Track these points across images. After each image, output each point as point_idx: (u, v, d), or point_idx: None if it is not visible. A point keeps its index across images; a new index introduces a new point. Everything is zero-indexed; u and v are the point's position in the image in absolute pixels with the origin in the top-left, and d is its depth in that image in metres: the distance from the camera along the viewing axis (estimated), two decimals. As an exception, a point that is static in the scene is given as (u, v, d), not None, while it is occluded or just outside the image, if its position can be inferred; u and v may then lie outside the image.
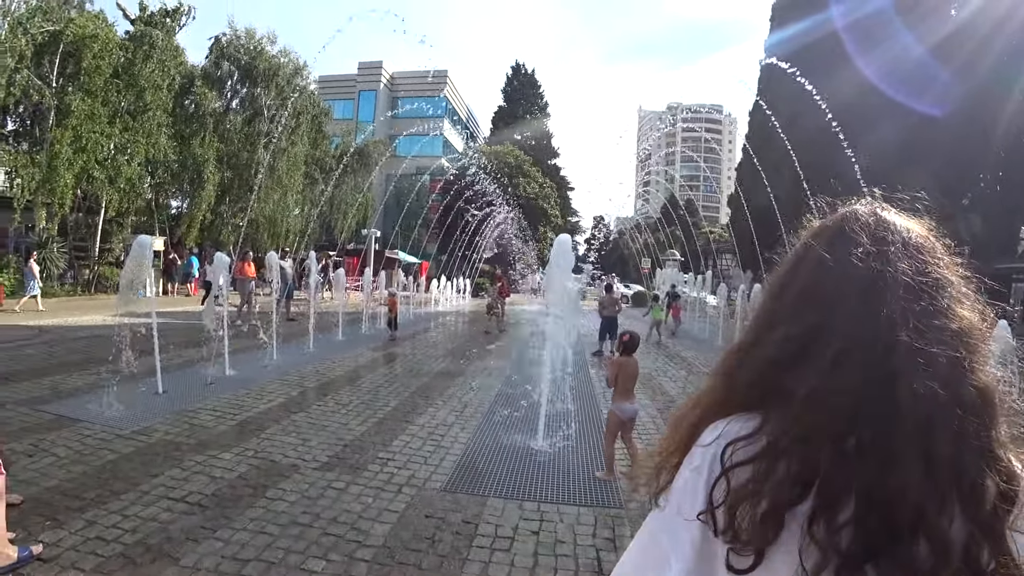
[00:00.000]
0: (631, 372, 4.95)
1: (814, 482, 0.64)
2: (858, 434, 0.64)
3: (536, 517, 4.05)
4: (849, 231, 0.75)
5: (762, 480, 0.65)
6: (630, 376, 4.93)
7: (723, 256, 50.27)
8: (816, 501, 0.63)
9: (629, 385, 4.93)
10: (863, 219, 0.76)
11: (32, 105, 16.35)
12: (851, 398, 0.65)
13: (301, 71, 26.53)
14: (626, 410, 4.89)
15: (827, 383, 0.66)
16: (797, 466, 0.64)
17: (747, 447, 0.68)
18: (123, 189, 18.08)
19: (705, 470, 0.70)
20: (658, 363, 11.56)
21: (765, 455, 0.66)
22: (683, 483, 0.73)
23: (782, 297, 0.79)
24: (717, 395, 0.79)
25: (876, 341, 0.66)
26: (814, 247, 0.77)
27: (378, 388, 7.67)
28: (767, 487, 0.65)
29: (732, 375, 0.79)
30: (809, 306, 0.73)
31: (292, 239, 27.77)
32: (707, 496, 0.69)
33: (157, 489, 4.01)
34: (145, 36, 18.62)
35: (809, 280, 0.76)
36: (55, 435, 5.01)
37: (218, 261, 8.01)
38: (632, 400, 5.00)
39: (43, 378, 7.03)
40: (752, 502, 0.65)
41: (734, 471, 0.67)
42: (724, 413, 0.75)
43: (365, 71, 45.55)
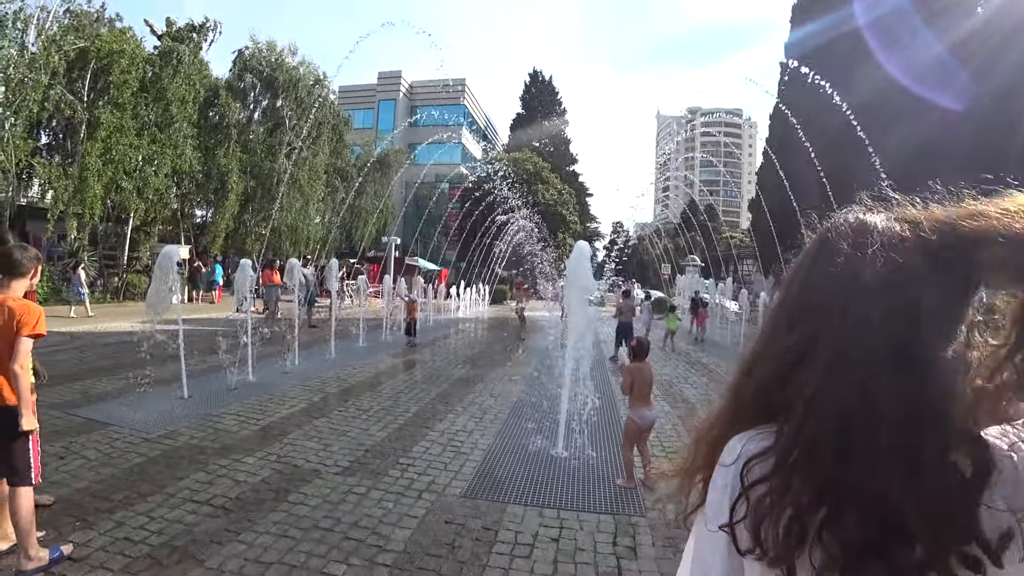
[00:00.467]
0: (646, 378, 4.90)
1: (825, 491, 0.65)
2: (851, 438, 0.65)
3: (556, 524, 4.02)
4: (832, 239, 0.76)
5: (778, 496, 0.67)
6: (646, 382, 4.89)
7: (744, 261, 49.63)
8: (825, 508, 0.64)
9: (646, 391, 4.89)
10: (844, 226, 0.77)
11: (64, 119, 16.91)
12: (842, 404, 0.66)
13: (321, 82, 27.02)
14: (645, 417, 4.85)
15: (821, 391, 0.68)
16: (807, 478, 0.66)
17: (762, 464, 0.69)
18: (150, 199, 18.57)
19: (728, 490, 0.72)
20: (678, 370, 11.44)
21: (778, 471, 0.68)
22: (715, 504, 0.74)
23: (781, 310, 0.80)
24: (729, 411, 0.81)
25: (859, 345, 0.67)
26: (806, 259, 0.80)
27: (398, 394, 7.71)
28: (784, 502, 0.66)
29: (740, 390, 0.80)
30: (803, 317, 0.75)
31: (313, 247, 28.19)
32: (729, 514, 0.70)
33: (182, 492, 4.08)
34: (172, 52, 19.16)
35: (801, 291, 0.78)
36: (85, 438, 5.13)
37: (242, 269, 8.14)
38: (650, 407, 4.96)
39: (74, 383, 7.22)
40: (772, 518, 0.66)
41: (752, 489, 0.69)
42: (739, 428, 0.76)
43: (384, 81, 46.18)
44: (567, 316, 9.17)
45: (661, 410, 7.66)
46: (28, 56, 14.50)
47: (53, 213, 16.18)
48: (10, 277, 3.04)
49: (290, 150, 24.92)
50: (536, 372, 10.06)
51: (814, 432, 0.66)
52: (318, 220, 27.98)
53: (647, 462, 4.94)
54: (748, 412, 0.77)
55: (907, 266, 0.69)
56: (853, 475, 0.63)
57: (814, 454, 0.66)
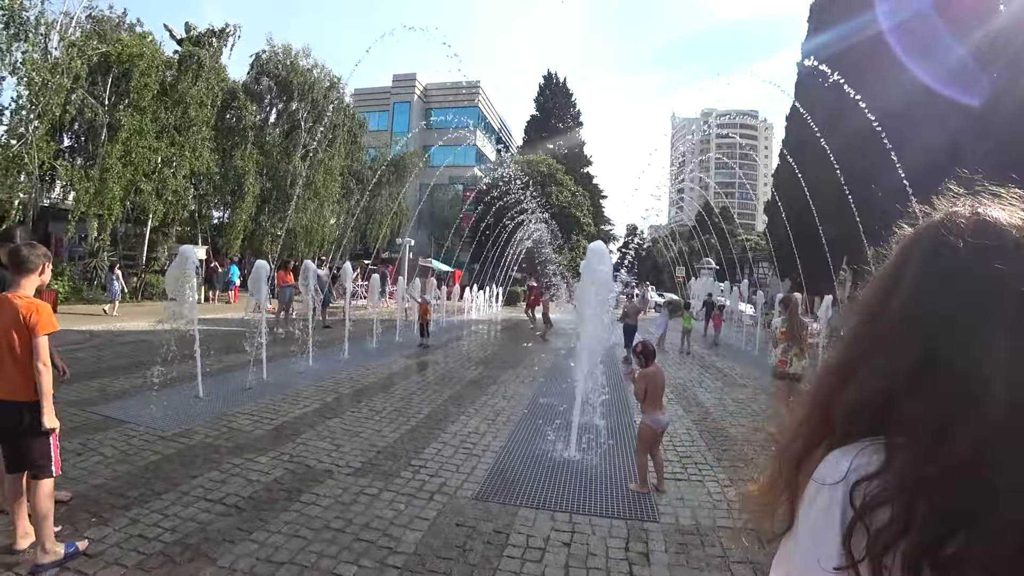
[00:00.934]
0: (658, 382, 4.82)
1: (958, 519, 0.58)
2: (999, 467, 0.57)
3: (568, 528, 3.98)
4: (947, 239, 0.67)
5: (904, 522, 0.59)
6: (658, 387, 4.81)
7: (759, 264, 49.09)
8: (961, 540, 0.57)
9: (658, 395, 4.82)
10: (961, 222, 0.67)
11: (86, 122, 17.23)
12: (987, 429, 0.59)
13: (336, 85, 27.26)
14: (660, 421, 4.79)
15: (961, 413, 0.60)
16: (938, 504, 0.58)
17: (879, 485, 0.61)
18: (168, 201, 18.84)
19: (837, 513, 0.63)
20: (692, 373, 11.31)
21: (902, 493, 0.60)
22: (812, 528, 0.65)
23: (881, 320, 0.71)
24: (816, 423, 0.73)
25: (1008, 363, 0.59)
26: (911, 262, 0.70)
27: (411, 395, 7.72)
28: (911, 529, 0.59)
29: (830, 403, 0.72)
30: (917, 329, 0.66)
31: (328, 248, 28.42)
32: (842, 543, 0.62)
33: (196, 490, 4.11)
34: (192, 56, 19.46)
35: (911, 300, 0.68)
36: (102, 435, 5.20)
37: (257, 269, 8.21)
38: (663, 410, 4.91)
39: (92, 380, 7.33)
40: (896, 548, 0.59)
41: (871, 514, 0.61)
42: (832, 443, 0.69)
43: (399, 83, 46.46)
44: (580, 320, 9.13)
45: (674, 413, 7.60)
46: (51, 60, 14.80)
47: (74, 214, 16.50)
48: (20, 275, 3.08)
49: (305, 152, 25.17)
50: (548, 374, 10.02)
51: (953, 456, 0.59)
52: (333, 222, 28.19)
53: (660, 467, 4.89)
54: (845, 426, 0.69)
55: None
56: (1003, 506, 0.56)
57: (949, 480, 0.59)
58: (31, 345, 2.99)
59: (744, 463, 5.64)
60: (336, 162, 27.14)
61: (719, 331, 17.39)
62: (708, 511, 4.44)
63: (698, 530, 4.11)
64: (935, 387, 0.62)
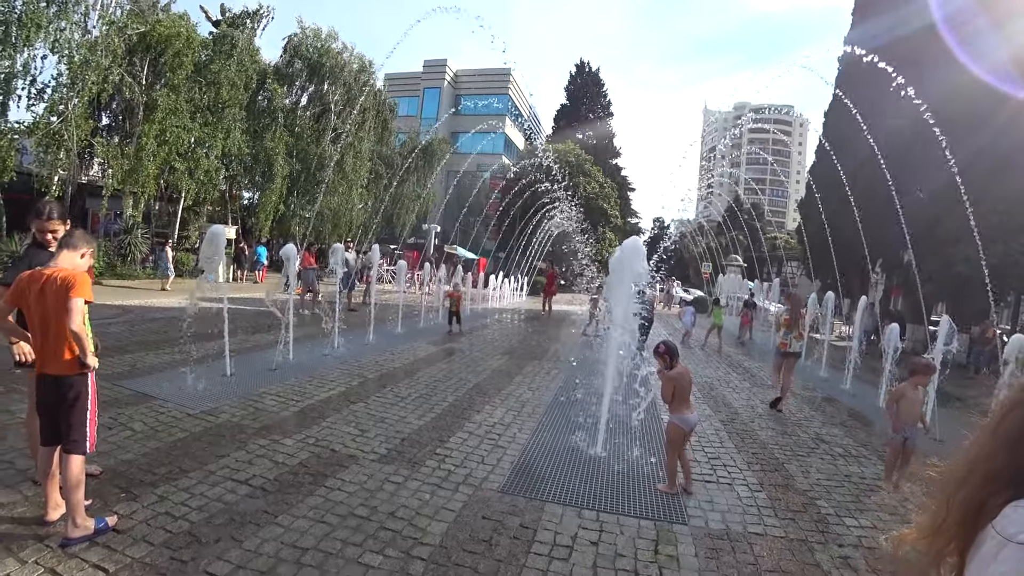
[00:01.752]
0: (685, 383, 4.68)
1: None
2: None
3: (595, 527, 3.87)
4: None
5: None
6: (685, 387, 4.68)
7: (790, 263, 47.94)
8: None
9: (686, 395, 4.69)
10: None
11: (123, 101, 17.52)
12: None
13: (367, 68, 27.25)
14: (689, 420, 4.65)
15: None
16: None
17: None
18: (201, 180, 19.12)
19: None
20: (719, 372, 11.06)
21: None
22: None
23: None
24: (999, 465, 0.63)
25: None
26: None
27: (436, 383, 7.67)
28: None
29: (1020, 444, 0.63)
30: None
31: (355, 232, 28.60)
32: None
33: (223, 470, 4.10)
34: (227, 37, 19.62)
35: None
36: (132, 410, 5.25)
37: (285, 252, 8.21)
38: (692, 409, 4.76)
39: (124, 355, 7.44)
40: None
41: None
42: (1006, 494, 0.60)
43: (430, 69, 46.35)
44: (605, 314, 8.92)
45: (702, 414, 7.42)
46: (90, 39, 15.03)
47: (108, 190, 16.84)
48: (61, 247, 3.11)
49: (336, 135, 25.25)
50: (574, 367, 9.89)
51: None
52: (360, 205, 28.33)
53: (687, 467, 4.76)
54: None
55: None
56: None
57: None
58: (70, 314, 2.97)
59: (774, 468, 5.48)
60: (365, 146, 27.20)
61: (748, 329, 17.05)
62: (739, 516, 4.29)
63: (728, 535, 3.97)
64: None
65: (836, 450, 6.34)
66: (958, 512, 0.64)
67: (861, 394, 9.78)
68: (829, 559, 3.74)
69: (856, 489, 5.13)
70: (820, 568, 3.62)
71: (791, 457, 5.93)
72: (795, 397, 9.12)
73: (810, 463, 5.77)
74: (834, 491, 5.02)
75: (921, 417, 5.38)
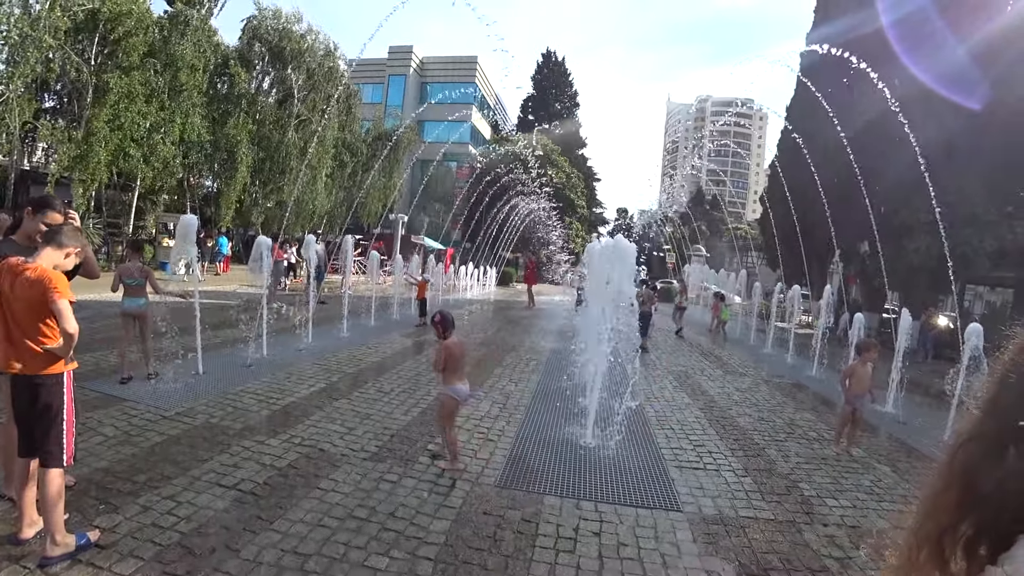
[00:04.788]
0: (458, 353, 4.58)
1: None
2: None
3: (595, 518, 3.90)
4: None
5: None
6: (457, 357, 4.56)
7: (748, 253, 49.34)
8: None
9: (458, 366, 4.57)
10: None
11: (70, 82, 16.47)
12: None
13: (332, 53, 26.42)
14: (460, 392, 4.54)
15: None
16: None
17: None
18: (157, 168, 18.20)
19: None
20: (692, 360, 11.30)
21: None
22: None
23: None
24: (956, 496, 0.68)
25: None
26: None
27: (417, 376, 7.54)
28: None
29: (975, 477, 0.67)
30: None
31: (318, 221, 27.84)
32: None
33: (208, 475, 3.91)
34: (181, 15, 18.64)
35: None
36: (102, 414, 4.96)
37: (259, 245, 7.88)
38: (464, 381, 4.63)
39: (85, 354, 6.99)
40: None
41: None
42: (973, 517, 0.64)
43: (395, 55, 45.26)
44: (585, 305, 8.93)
45: (681, 402, 7.56)
46: (31, 14, 14.03)
47: (53, 176, 15.83)
48: (45, 243, 2.90)
49: (300, 122, 24.44)
50: (552, 357, 9.91)
51: None
52: (325, 195, 27.58)
53: (453, 444, 4.57)
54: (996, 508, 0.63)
55: None
56: None
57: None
58: (43, 314, 2.78)
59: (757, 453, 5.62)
60: (330, 133, 26.41)
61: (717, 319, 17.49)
62: (728, 500, 4.41)
63: (722, 519, 4.07)
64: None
65: (811, 434, 6.56)
66: (925, 546, 0.68)
67: (828, 379, 10.14)
68: (816, 538, 3.88)
69: (833, 471, 5.32)
70: (810, 548, 3.74)
71: (770, 442, 6.10)
72: (767, 384, 9.42)
73: (788, 447, 5.96)
74: (814, 473, 5.20)
75: (869, 388, 6.12)
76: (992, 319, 16.72)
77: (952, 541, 0.66)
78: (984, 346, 7.04)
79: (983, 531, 0.65)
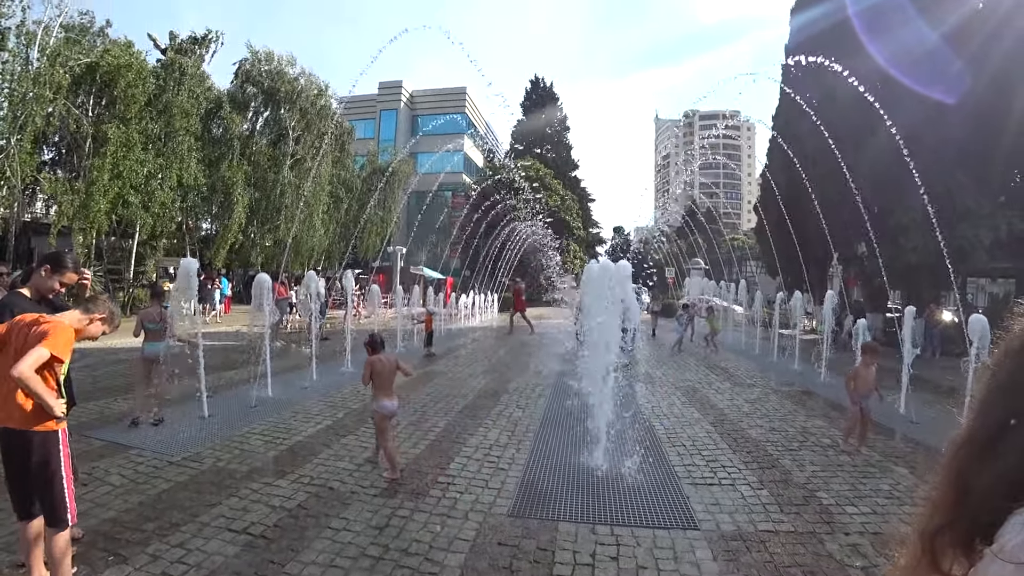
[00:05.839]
0: (382, 369, 4.92)
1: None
2: None
3: (612, 542, 3.82)
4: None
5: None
6: (382, 373, 4.91)
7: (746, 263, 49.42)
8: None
9: (384, 382, 4.92)
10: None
11: (69, 134, 16.77)
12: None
13: (324, 93, 26.94)
14: (386, 407, 4.85)
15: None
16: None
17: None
18: (156, 213, 18.40)
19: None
20: (699, 375, 11.22)
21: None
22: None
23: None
24: (953, 498, 0.71)
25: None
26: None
27: (424, 408, 7.49)
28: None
29: (972, 475, 0.70)
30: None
31: (317, 258, 27.99)
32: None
33: (217, 520, 3.86)
34: (175, 64, 19.07)
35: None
36: (107, 462, 4.92)
37: (260, 284, 7.91)
38: (391, 397, 4.93)
39: (89, 403, 7.00)
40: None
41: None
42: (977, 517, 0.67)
43: (385, 91, 46.11)
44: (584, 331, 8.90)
45: (691, 417, 7.48)
46: (32, 71, 14.37)
47: (55, 227, 15.99)
48: (76, 305, 2.92)
49: (294, 161, 24.77)
50: (558, 381, 9.85)
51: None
52: (322, 231, 27.82)
53: (389, 455, 4.85)
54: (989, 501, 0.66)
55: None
56: None
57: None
58: (42, 367, 2.69)
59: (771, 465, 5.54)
60: (325, 171, 26.77)
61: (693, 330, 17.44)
62: (746, 515, 4.32)
63: (741, 535, 3.99)
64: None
65: (824, 441, 6.48)
66: (926, 544, 0.70)
67: (837, 385, 10.05)
68: (839, 548, 3.80)
69: (851, 478, 5.24)
70: (833, 558, 3.67)
71: (783, 452, 6.02)
72: (776, 394, 9.34)
73: (803, 456, 5.88)
74: (831, 481, 5.12)
75: (875, 387, 6.25)
76: (995, 310, 16.68)
77: (950, 538, 0.68)
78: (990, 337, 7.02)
79: (977, 526, 0.66)
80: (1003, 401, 0.70)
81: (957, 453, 0.72)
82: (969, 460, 0.70)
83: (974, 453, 0.70)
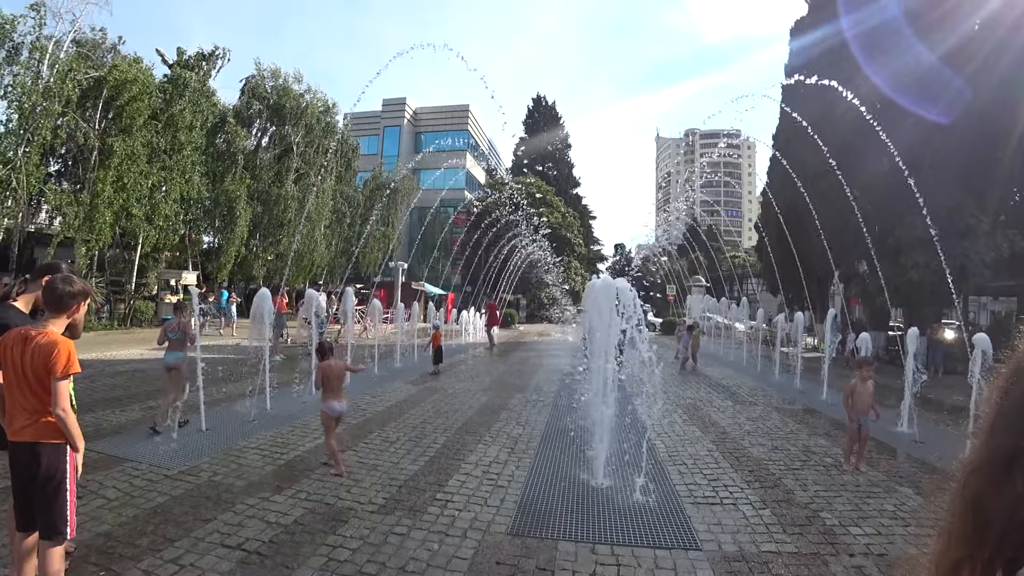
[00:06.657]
0: (332, 374, 5.37)
1: None
2: None
3: (612, 562, 3.76)
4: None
5: None
6: (331, 377, 5.36)
7: (747, 281, 49.43)
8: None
9: (333, 385, 5.35)
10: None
11: (76, 147, 16.93)
12: None
13: (331, 110, 27.24)
14: (334, 408, 5.28)
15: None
16: None
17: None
18: (160, 226, 18.49)
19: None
20: (700, 392, 11.15)
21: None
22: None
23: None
24: (970, 526, 0.67)
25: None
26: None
27: (423, 424, 7.43)
28: None
29: (983, 504, 0.66)
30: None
31: (318, 272, 28.04)
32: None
33: (212, 536, 3.81)
34: (181, 79, 19.32)
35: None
36: (103, 475, 4.87)
37: (261, 298, 7.90)
38: (340, 399, 5.36)
39: (86, 414, 6.94)
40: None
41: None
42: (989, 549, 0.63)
43: (389, 108, 46.64)
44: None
45: (692, 435, 7.42)
46: (42, 85, 14.57)
47: (57, 238, 16.07)
48: (51, 311, 2.84)
49: (298, 176, 24.94)
50: (557, 398, 9.79)
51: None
52: (324, 246, 27.92)
53: (333, 453, 5.24)
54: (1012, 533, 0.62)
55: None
56: None
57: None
58: (49, 384, 2.72)
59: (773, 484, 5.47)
60: (328, 186, 26.95)
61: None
62: (748, 535, 4.26)
63: (743, 556, 3.92)
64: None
65: (827, 460, 6.41)
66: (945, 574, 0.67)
67: (839, 403, 9.96)
68: (843, 570, 3.74)
69: (854, 497, 5.17)
70: (838, 580, 3.59)
71: (786, 471, 5.95)
72: (778, 412, 9.26)
73: (805, 476, 5.80)
74: (834, 501, 5.04)
75: (872, 405, 6.16)
76: (998, 329, 16.60)
77: (969, 572, 0.64)
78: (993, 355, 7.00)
79: (998, 557, 0.63)
80: (1019, 421, 0.67)
81: (970, 479, 0.69)
82: (984, 486, 0.67)
83: (990, 478, 0.66)
